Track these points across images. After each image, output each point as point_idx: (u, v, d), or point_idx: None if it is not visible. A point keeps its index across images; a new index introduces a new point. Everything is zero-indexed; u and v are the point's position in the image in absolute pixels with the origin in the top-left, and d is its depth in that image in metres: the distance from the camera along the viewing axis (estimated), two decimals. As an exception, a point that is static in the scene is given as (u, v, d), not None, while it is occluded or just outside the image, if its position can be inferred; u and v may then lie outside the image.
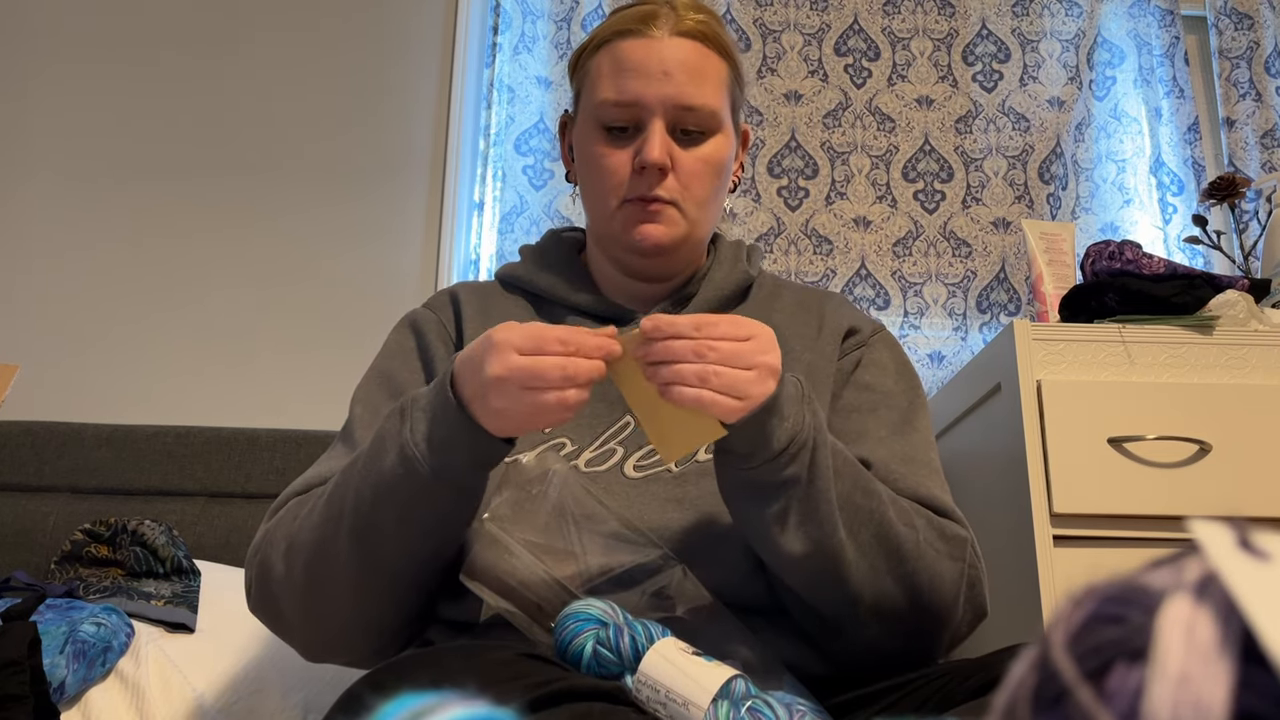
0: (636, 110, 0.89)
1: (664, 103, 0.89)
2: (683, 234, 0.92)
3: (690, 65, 0.90)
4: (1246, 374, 1.41)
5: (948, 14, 2.19)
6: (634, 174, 0.90)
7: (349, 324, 1.96)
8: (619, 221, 0.91)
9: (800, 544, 0.74)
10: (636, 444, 0.87)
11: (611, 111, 0.90)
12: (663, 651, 0.68)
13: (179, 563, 1.37)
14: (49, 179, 2.02)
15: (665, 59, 0.89)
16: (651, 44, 0.90)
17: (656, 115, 0.89)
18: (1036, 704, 0.26)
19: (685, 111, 0.89)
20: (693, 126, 0.91)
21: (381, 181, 2.06)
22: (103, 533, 1.41)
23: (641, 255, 0.93)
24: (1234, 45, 2.16)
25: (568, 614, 0.71)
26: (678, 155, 0.90)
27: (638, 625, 0.70)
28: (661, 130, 0.89)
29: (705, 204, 0.93)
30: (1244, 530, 0.27)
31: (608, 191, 0.91)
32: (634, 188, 0.90)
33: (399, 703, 0.33)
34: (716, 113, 0.91)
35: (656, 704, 0.66)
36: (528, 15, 2.10)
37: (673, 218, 0.91)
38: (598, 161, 0.92)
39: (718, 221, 0.98)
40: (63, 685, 1.05)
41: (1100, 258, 1.55)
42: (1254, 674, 0.24)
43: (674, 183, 0.90)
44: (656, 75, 0.89)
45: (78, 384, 1.90)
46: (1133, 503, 1.32)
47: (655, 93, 0.88)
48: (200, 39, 2.12)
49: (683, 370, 0.68)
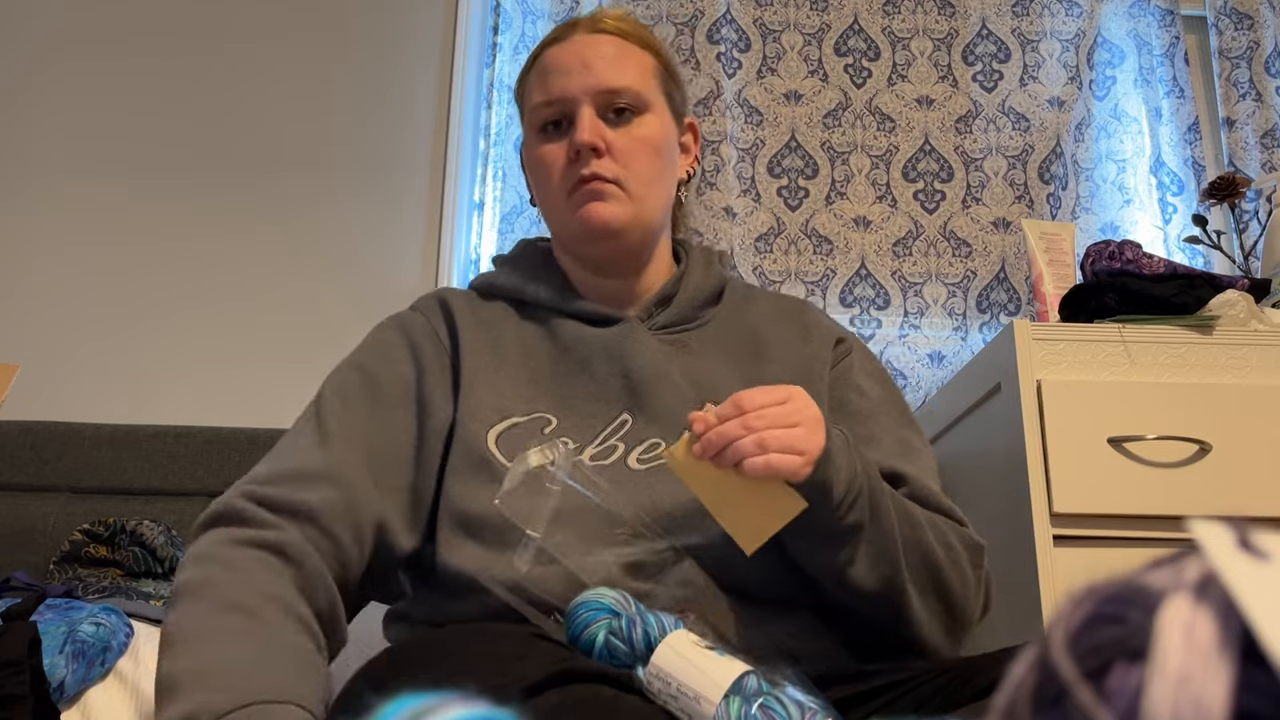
0: (564, 104, 0.94)
1: (587, 90, 0.93)
2: (630, 213, 0.93)
3: (609, 55, 0.95)
4: (1246, 374, 1.41)
5: (948, 14, 2.19)
6: (570, 162, 0.93)
7: (349, 323, 1.96)
8: (568, 209, 0.94)
9: (871, 581, 0.79)
10: (637, 439, 0.89)
11: (543, 112, 0.95)
12: (675, 644, 0.68)
13: (178, 562, 1.37)
14: (49, 179, 2.01)
15: (584, 53, 0.95)
16: (571, 44, 0.96)
17: (583, 103, 0.93)
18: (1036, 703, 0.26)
19: (609, 94, 0.93)
20: (622, 104, 0.94)
21: (381, 181, 2.06)
22: (101, 533, 1.41)
23: (594, 238, 0.94)
24: (1234, 45, 2.16)
25: (580, 602, 0.71)
26: (610, 136, 0.93)
27: (650, 616, 0.70)
28: (590, 114, 0.93)
29: (649, 182, 0.95)
30: (1244, 530, 0.27)
31: (554, 186, 0.95)
32: (573, 173, 0.93)
33: (399, 703, 0.33)
34: (641, 92, 0.95)
35: (668, 696, 0.66)
36: (528, 15, 2.10)
37: (617, 195, 0.93)
38: (539, 160, 0.96)
39: (668, 209, 1.00)
40: (62, 685, 1.05)
41: (1100, 258, 1.55)
42: (1254, 674, 0.24)
43: (612, 162, 0.93)
44: (577, 69, 0.94)
45: (78, 384, 1.90)
46: (1133, 503, 1.32)
47: (578, 84, 0.93)
48: (200, 39, 2.12)
49: (742, 445, 0.71)
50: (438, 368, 0.93)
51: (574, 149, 0.92)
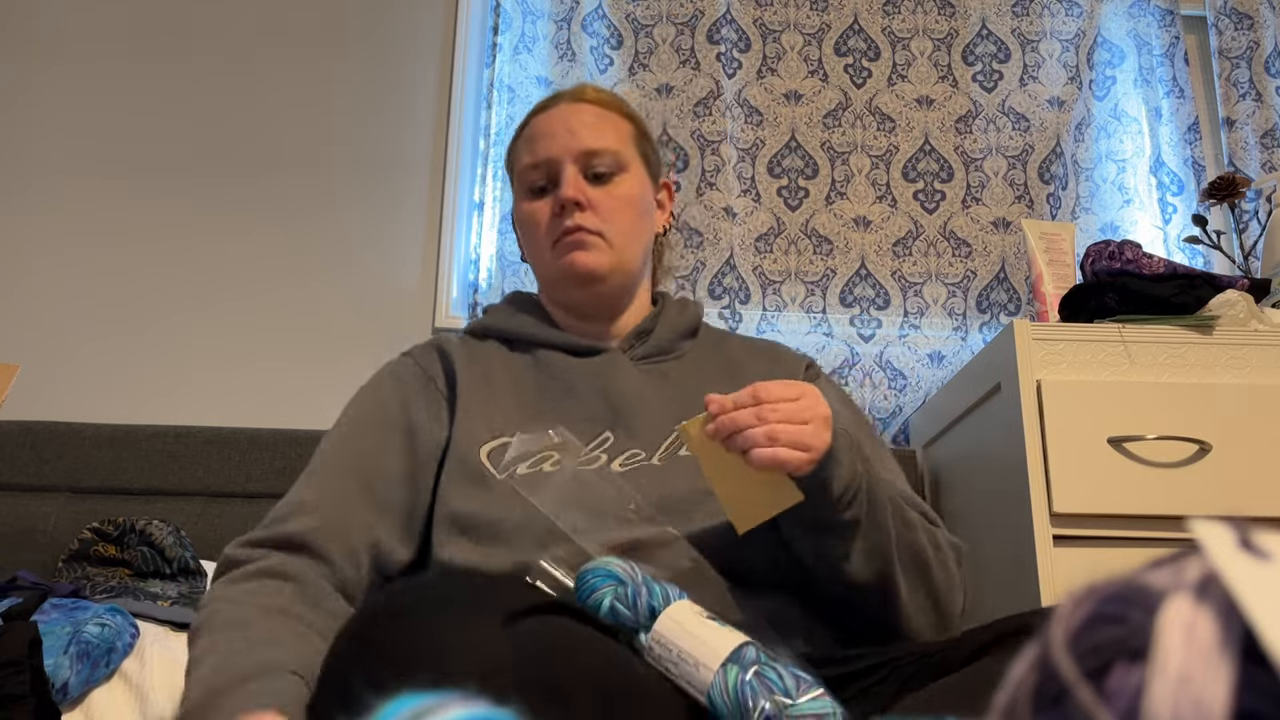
0: (549, 166, 1.03)
1: (569, 151, 1.02)
2: (611, 261, 1.02)
3: (590, 122, 1.04)
4: (1246, 374, 1.41)
5: (948, 14, 2.19)
6: (555, 215, 1.02)
7: (349, 323, 1.96)
8: (553, 258, 1.02)
9: (864, 573, 0.83)
10: (619, 450, 0.95)
11: (530, 174, 1.04)
12: (677, 613, 0.71)
13: (186, 563, 1.37)
14: (50, 180, 2.02)
15: (568, 120, 1.04)
16: (556, 111, 1.05)
17: (566, 163, 1.02)
18: (1037, 703, 0.26)
19: (590, 156, 1.02)
20: (601, 168, 1.03)
21: (381, 181, 2.06)
22: (111, 532, 1.41)
23: (578, 283, 1.02)
24: (1234, 45, 2.16)
25: (588, 569, 0.74)
26: (592, 193, 1.02)
27: (655, 586, 0.73)
28: (573, 173, 1.01)
29: (627, 234, 1.03)
30: (1244, 530, 0.27)
31: (540, 238, 1.03)
32: (558, 225, 1.01)
33: (399, 703, 0.33)
34: (619, 154, 1.04)
35: (668, 663, 0.69)
36: (528, 15, 2.10)
37: (599, 245, 1.01)
38: (528, 217, 1.04)
39: (646, 260, 1.08)
40: (66, 686, 1.05)
41: (1100, 258, 1.55)
42: (1254, 673, 0.24)
43: (594, 216, 1.01)
44: (561, 134, 1.03)
45: (78, 384, 1.90)
46: (1133, 502, 1.32)
47: (561, 146, 1.02)
48: (200, 41, 2.12)
49: (753, 434, 0.75)
50: (425, 399, 0.99)
51: (558, 204, 1.01)
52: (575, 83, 2.03)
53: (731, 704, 0.66)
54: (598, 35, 2.10)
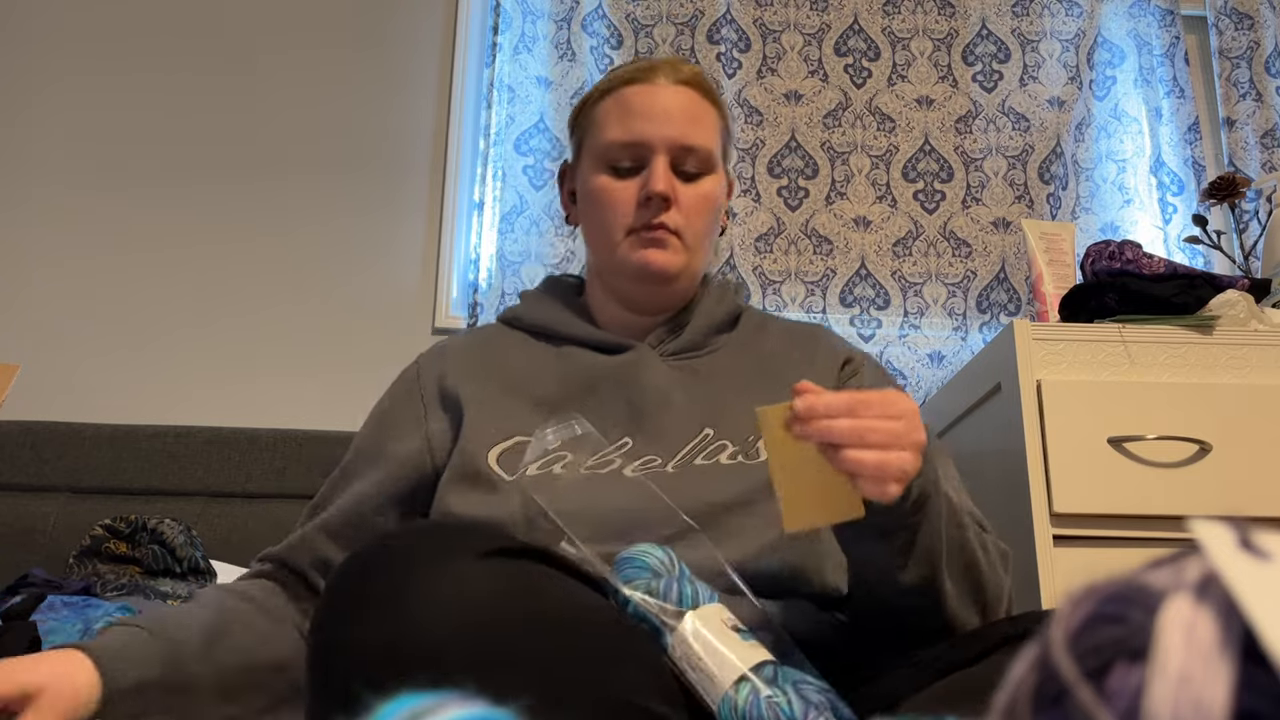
0: (641, 149, 0.97)
1: (667, 142, 0.97)
2: (683, 262, 0.98)
3: (689, 111, 0.99)
4: (1246, 374, 1.41)
5: (948, 14, 2.19)
6: (639, 205, 0.97)
7: (349, 323, 1.96)
8: (625, 250, 0.98)
9: (912, 578, 0.78)
10: (635, 456, 0.92)
11: (619, 151, 0.98)
12: (704, 617, 0.69)
13: (196, 563, 1.37)
14: (51, 181, 2.02)
15: (668, 103, 0.98)
16: (655, 90, 0.99)
17: (660, 153, 0.97)
18: (1037, 703, 0.26)
19: (685, 151, 0.97)
20: (691, 168, 0.98)
21: (382, 182, 2.06)
22: (123, 529, 1.41)
23: (647, 281, 0.98)
24: (1234, 45, 2.16)
25: (627, 557, 0.74)
26: (679, 189, 0.97)
27: (688, 584, 0.71)
28: (665, 165, 0.97)
29: (703, 237, 1.00)
30: (1244, 530, 0.27)
31: (614, 223, 0.98)
32: (640, 217, 0.97)
33: (399, 703, 0.33)
34: (713, 154, 1.00)
35: (686, 665, 0.68)
36: (528, 15, 2.10)
37: (676, 246, 0.97)
38: (605, 196, 0.99)
39: (709, 260, 1.05)
40: (67, 685, 1.05)
41: (1100, 258, 1.55)
42: (1254, 673, 0.24)
43: (677, 214, 0.97)
44: (660, 117, 0.97)
45: (78, 384, 1.90)
46: (1133, 503, 1.32)
47: (659, 133, 0.97)
48: (200, 42, 2.12)
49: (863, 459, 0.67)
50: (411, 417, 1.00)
51: (645, 195, 0.96)
52: (576, 82, 2.06)
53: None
54: (598, 35, 2.10)
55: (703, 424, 0.94)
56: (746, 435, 0.93)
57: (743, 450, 0.92)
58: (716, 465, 0.91)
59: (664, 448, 0.92)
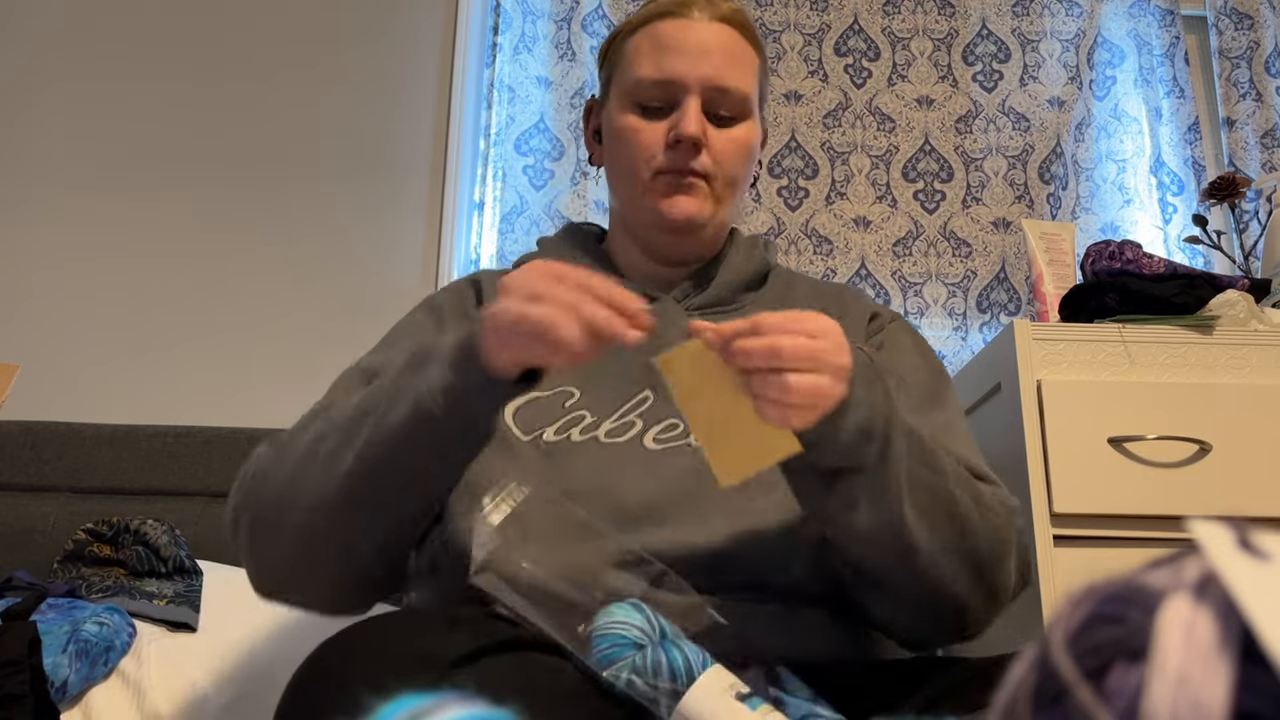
0: (673, 88, 0.91)
1: (701, 82, 0.91)
2: (711, 211, 0.93)
3: (727, 49, 0.92)
4: (1246, 374, 1.41)
5: (948, 14, 2.19)
6: (668, 148, 0.91)
7: (349, 323, 1.96)
8: (651, 194, 0.93)
9: (866, 523, 0.72)
10: (655, 417, 0.88)
11: (649, 89, 0.92)
12: (708, 689, 0.64)
13: (181, 562, 1.37)
14: (50, 181, 2.02)
15: (704, 40, 0.92)
16: (690, 25, 0.92)
17: (693, 93, 0.91)
18: (1037, 703, 0.26)
19: (720, 93, 0.92)
20: (724, 111, 0.93)
21: (382, 181, 2.06)
22: (105, 532, 1.41)
23: (671, 230, 0.94)
24: (1234, 45, 2.16)
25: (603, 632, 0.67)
26: (711, 133, 0.92)
27: (674, 650, 0.66)
28: (697, 106, 0.91)
29: (733, 184, 0.95)
30: (1244, 530, 0.27)
31: (641, 165, 0.93)
32: (669, 160, 0.91)
33: (398, 703, 0.33)
34: (748, 97, 0.94)
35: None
36: (528, 15, 2.10)
37: (704, 193, 0.92)
38: (632, 136, 0.93)
39: (739, 209, 1.00)
40: (65, 684, 1.05)
41: (1100, 258, 1.54)
42: (1253, 674, 0.24)
43: (707, 158, 0.91)
44: (695, 54, 0.91)
45: (78, 384, 1.90)
46: (1133, 503, 1.32)
47: (693, 71, 0.91)
48: (200, 42, 2.12)
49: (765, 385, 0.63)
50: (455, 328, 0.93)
51: (674, 137, 0.90)
52: (576, 82, 2.05)
53: None
54: (598, 35, 2.10)
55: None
56: None
57: None
58: None
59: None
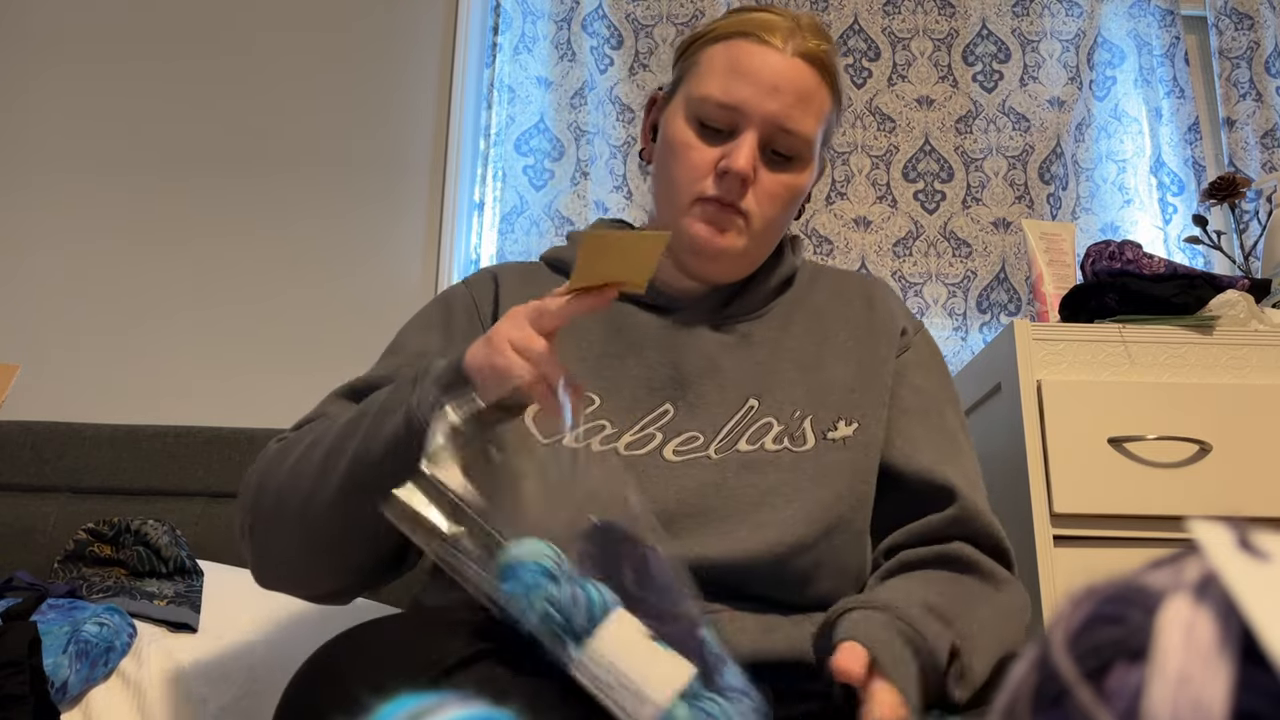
0: (736, 115, 0.89)
1: (764, 118, 0.89)
2: (743, 246, 0.92)
3: (800, 89, 0.89)
4: (1246, 374, 1.41)
5: (948, 14, 2.19)
6: (716, 175, 0.90)
7: (349, 323, 1.96)
8: (689, 218, 0.91)
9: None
10: (675, 430, 0.88)
11: (712, 110, 0.90)
12: (620, 630, 0.63)
13: (182, 563, 1.37)
14: (49, 179, 2.02)
15: (779, 75, 0.89)
16: (770, 54, 0.89)
17: (753, 127, 0.89)
18: (1036, 703, 0.26)
19: (781, 133, 0.90)
20: (782, 150, 0.91)
21: (381, 181, 2.06)
22: (106, 532, 1.41)
23: (697, 255, 0.93)
24: (1234, 45, 2.16)
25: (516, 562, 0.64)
26: (761, 173, 0.90)
27: (589, 587, 0.64)
28: (753, 142, 0.89)
29: (774, 225, 0.93)
30: (1244, 530, 0.27)
31: (685, 185, 0.91)
32: (713, 188, 0.90)
33: (398, 703, 0.33)
34: (810, 141, 0.91)
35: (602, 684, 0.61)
36: (528, 15, 2.10)
37: (739, 228, 0.91)
38: (684, 153, 0.91)
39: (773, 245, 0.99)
40: (65, 685, 1.05)
41: (1100, 258, 1.55)
42: (1254, 674, 0.24)
43: (750, 196, 0.90)
44: (765, 88, 0.88)
45: (78, 384, 1.90)
46: (1133, 503, 1.32)
47: (759, 105, 0.88)
48: (200, 40, 2.12)
49: None
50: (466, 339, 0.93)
51: (724, 168, 0.89)
52: (576, 82, 2.05)
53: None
54: (598, 35, 2.10)
55: (748, 394, 0.90)
56: (792, 411, 0.89)
57: (788, 431, 0.88)
58: (761, 453, 0.87)
59: (706, 422, 0.88)
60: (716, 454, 0.86)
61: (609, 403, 0.89)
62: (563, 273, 1.00)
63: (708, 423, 0.88)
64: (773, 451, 0.87)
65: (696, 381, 0.90)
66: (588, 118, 2.05)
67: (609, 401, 0.89)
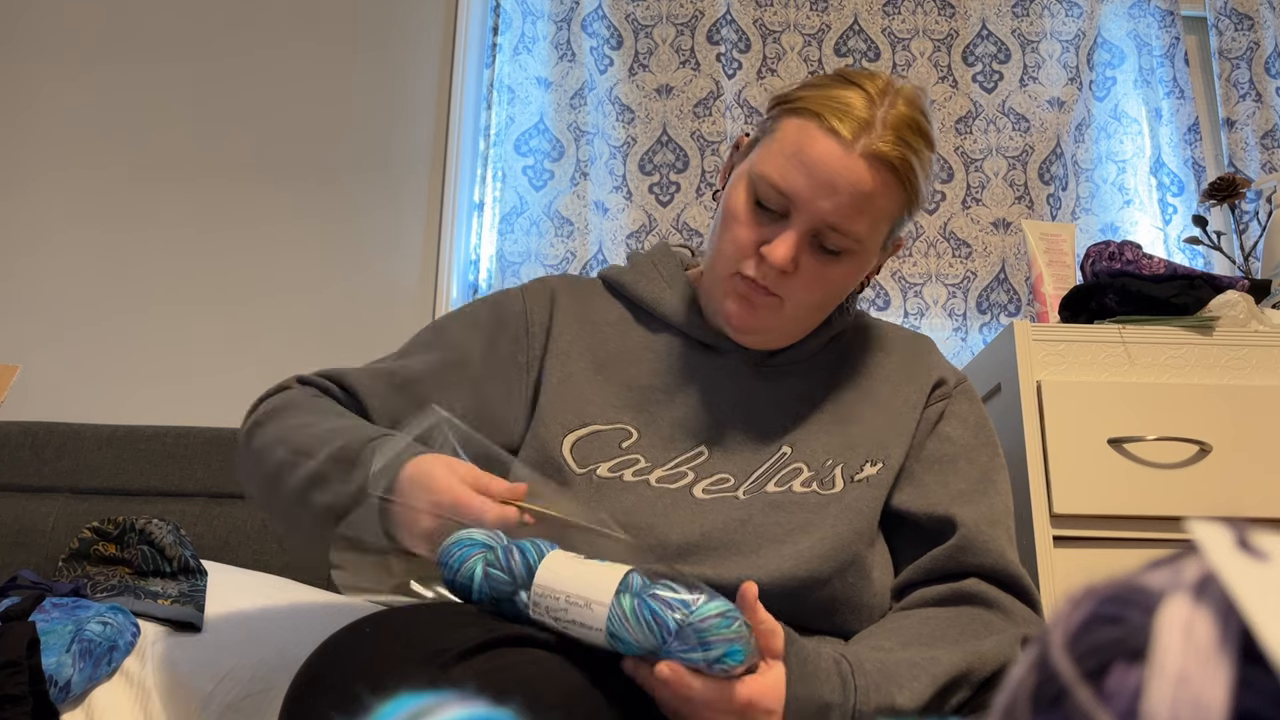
0: (787, 203, 0.87)
1: (813, 214, 0.86)
2: (774, 325, 0.92)
3: (860, 191, 0.85)
4: (1246, 374, 1.41)
5: (948, 14, 2.19)
6: (757, 257, 0.88)
7: (349, 323, 1.96)
8: (724, 290, 0.91)
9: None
10: (708, 472, 0.89)
11: (767, 190, 0.87)
12: (555, 562, 0.69)
13: (186, 562, 1.37)
14: (50, 180, 2.02)
15: (839, 175, 0.84)
16: (834, 148, 0.85)
17: (801, 220, 0.86)
18: (1036, 703, 0.26)
19: (830, 230, 0.87)
20: (831, 245, 0.88)
21: (382, 182, 2.06)
22: (110, 531, 1.41)
23: (728, 328, 0.93)
24: (1234, 46, 2.16)
25: (451, 542, 0.71)
26: (805, 262, 0.88)
27: (525, 543, 0.71)
28: (797, 237, 0.86)
29: (810, 311, 0.93)
30: (1243, 530, 0.27)
31: (727, 257, 0.90)
32: (752, 268, 0.88)
33: (398, 703, 0.33)
34: (864, 240, 0.88)
35: (558, 612, 0.67)
36: (528, 15, 2.10)
37: (771, 308, 0.90)
38: (733, 226, 0.90)
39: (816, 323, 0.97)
40: (68, 684, 1.05)
41: (1100, 258, 1.54)
42: (1253, 673, 0.24)
43: (787, 283, 0.88)
44: (822, 185, 0.85)
45: (78, 384, 1.90)
46: (1133, 503, 1.32)
47: (811, 201, 0.85)
48: (200, 41, 2.12)
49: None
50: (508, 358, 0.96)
51: (762, 254, 0.87)
52: (576, 82, 2.05)
53: (635, 628, 0.65)
54: (598, 35, 2.10)
55: (781, 441, 0.91)
56: (824, 459, 0.91)
57: (818, 477, 0.90)
58: (788, 494, 0.88)
59: (738, 466, 0.89)
60: (744, 494, 0.88)
61: (645, 439, 0.90)
62: (619, 295, 1.01)
63: (739, 466, 0.89)
64: (800, 493, 0.88)
65: (732, 426, 0.91)
66: (587, 118, 2.05)
67: (645, 438, 0.90)
